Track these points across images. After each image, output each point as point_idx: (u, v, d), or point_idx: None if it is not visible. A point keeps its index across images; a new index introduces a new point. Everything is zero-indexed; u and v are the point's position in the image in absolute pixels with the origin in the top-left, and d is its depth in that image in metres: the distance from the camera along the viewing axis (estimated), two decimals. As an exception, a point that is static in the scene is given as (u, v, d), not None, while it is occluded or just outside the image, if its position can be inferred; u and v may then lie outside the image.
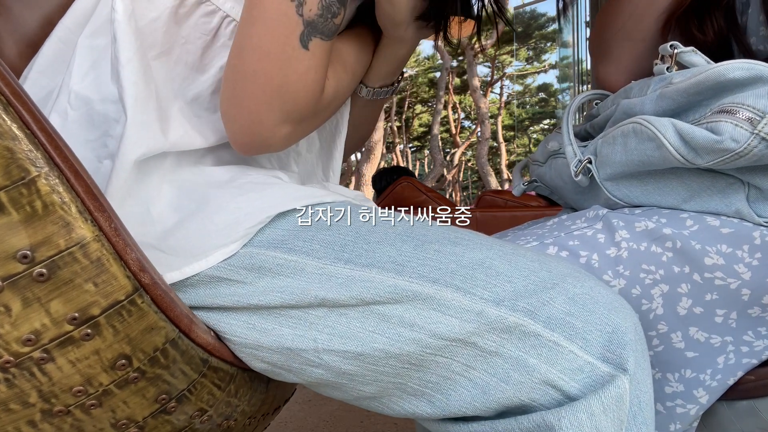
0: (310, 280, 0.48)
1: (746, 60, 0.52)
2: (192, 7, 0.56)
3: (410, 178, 2.92)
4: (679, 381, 0.60)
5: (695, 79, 0.54)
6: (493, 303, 0.46)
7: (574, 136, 0.71)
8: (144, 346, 0.45)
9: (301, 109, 0.53)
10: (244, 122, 0.52)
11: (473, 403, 0.47)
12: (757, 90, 0.51)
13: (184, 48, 0.56)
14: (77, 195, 0.40)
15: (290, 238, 0.50)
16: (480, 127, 13.95)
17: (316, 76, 0.52)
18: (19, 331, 0.40)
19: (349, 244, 0.49)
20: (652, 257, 0.58)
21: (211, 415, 0.54)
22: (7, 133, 0.37)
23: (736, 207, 0.57)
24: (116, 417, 0.47)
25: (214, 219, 0.50)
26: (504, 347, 0.46)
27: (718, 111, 0.52)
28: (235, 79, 0.51)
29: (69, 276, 0.40)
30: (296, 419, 1.70)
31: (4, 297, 0.39)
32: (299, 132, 0.56)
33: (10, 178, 0.38)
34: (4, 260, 0.38)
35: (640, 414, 0.45)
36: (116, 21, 0.52)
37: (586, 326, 0.45)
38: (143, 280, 0.43)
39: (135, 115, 0.51)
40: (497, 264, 0.48)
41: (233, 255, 0.50)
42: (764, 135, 0.49)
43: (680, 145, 0.54)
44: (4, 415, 0.43)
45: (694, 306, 0.58)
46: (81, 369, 0.43)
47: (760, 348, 0.59)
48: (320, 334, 0.48)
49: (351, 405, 0.55)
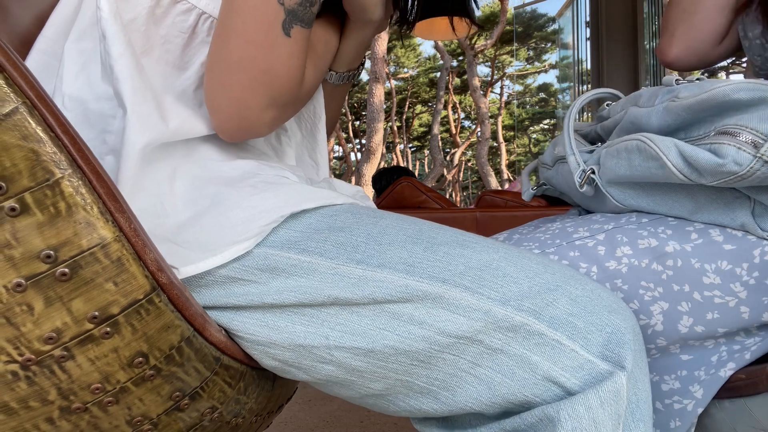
0: (323, 279, 0.49)
1: (752, 80, 0.52)
2: (168, 6, 0.57)
3: (410, 178, 2.92)
4: (675, 379, 0.61)
5: (700, 98, 0.55)
6: (500, 303, 0.47)
7: (580, 139, 0.72)
8: (160, 344, 0.46)
9: (285, 93, 0.54)
10: (231, 110, 0.53)
11: (479, 399, 0.49)
12: (761, 112, 0.51)
13: (164, 47, 0.57)
14: (99, 196, 0.41)
15: (303, 239, 0.51)
16: (480, 127, 13.94)
17: (298, 62, 0.54)
18: (41, 330, 0.41)
19: (361, 246, 0.50)
20: (652, 275, 0.59)
21: (221, 412, 0.55)
22: (32, 136, 0.38)
23: (741, 221, 0.58)
24: (132, 414, 0.48)
25: (229, 216, 0.51)
26: (509, 345, 0.47)
27: (722, 132, 0.52)
28: (221, 68, 0.52)
29: (90, 275, 0.41)
30: (296, 419, 1.71)
31: (28, 296, 0.40)
32: (282, 116, 0.57)
33: (35, 179, 0.38)
34: (28, 260, 0.39)
35: (638, 411, 0.47)
36: (103, 19, 0.53)
37: (587, 326, 0.47)
38: (161, 279, 0.44)
39: (134, 105, 0.52)
40: (504, 266, 0.49)
41: (247, 255, 0.50)
42: (767, 158, 0.49)
43: (683, 166, 0.54)
44: (23, 412, 0.44)
45: (696, 325, 0.59)
46: (100, 367, 0.44)
47: (750, 344, 0.61)
48: (332, 331, 0.49)
49: (351, 405, 0.56)
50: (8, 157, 0.38)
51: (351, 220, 0.52)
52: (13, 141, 0.38)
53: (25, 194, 0.39)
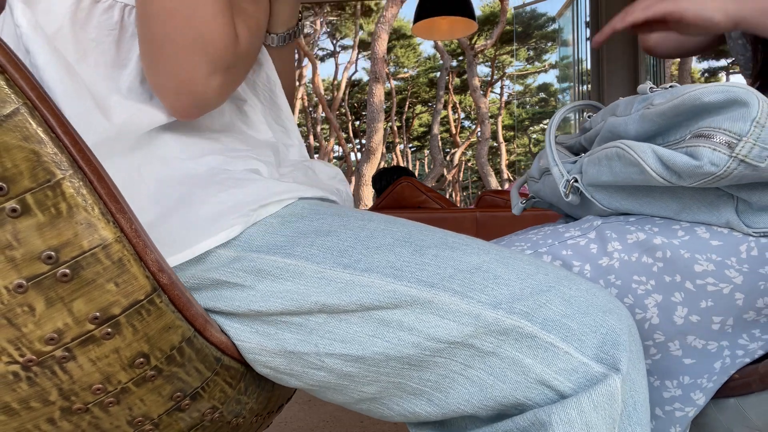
0: (309, 284, 0.49)
1: (722, 83, 0.53)
2: (89, 8, 0.56)
3: (410, 178, 2.92)
4: (677, 387, 0.61)
5: (672, 104, 0.56)
6: (490, 306, 0.47)
7: (564, 151, 0.72)
8: (161, 345, 0.46)
9: (223, 54, 0.53)
10: (176, 86, 0.52)
11: (471, 401, 0.48)
12: (733, 113, 0.52)
13: (98, 50, 0.56)
14: (100, 197, 0.41)
15: (290, 243, 0.51)
16: (480, 127, 13.95)
17: (224, 19, 0.53)
18: (42, 330, 0.41)
19: (348, 250, 0.50)
20: (643, 268, 0.59)
21: (222, 412, 0.55)
22: (33, 137, 0.38)
23: (726, 218, 0.58)
24: (133, 414, 0.48)
25: (198, 212, 0.51)
26: (501, 348, 0.47)
27: (697, 135, 0.53)
28: (152, 49, 0.52)
29: (91, 276, 0.41)
30: (296, 419, 1.71)
31: (29, 297, 0.40)
32: (230, 81, 0.56)
33: (36, 180, 0.39)
34: (29, 261, 0.39)
35: (635, 414, 0.46)
36: (24, 35, 0.52)
37: (581, 328, 0.47)
38: (162, 280, 0.44)
39: (71, 108, 0.51)
40: (494, 268, 0.49)
41: (235, 258, 0.50)
42: (742, 157, 0.51)
43: (662, 170, 0.55)
44: (24, 412, 0.44)
45: (690, 314, 0.59)
46: (101, 367, 0.44)
47: (754, 348, 0.61)
48: (321, 339, 0.49)
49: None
50: (9, 158, 0.38)
51: (338, 223, 0.52)
52: (14, 142, 0.38)
53: (26, 195, 0.39)
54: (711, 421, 0.65)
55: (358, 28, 18.00)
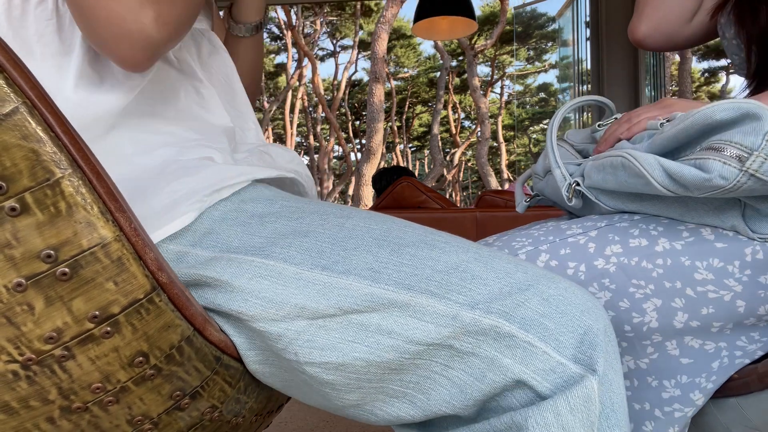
0: (287, 285, 0.49)
1: (732, 99, 0.52)
2: (22, 5, 0.56)
3: (410, 178, 2.92)
4: (675, 386, 0.61)
5: (683, 125, 0.55)
6: (467, 306, 0.47)
7: (573, 152, 0.72)
8: (161, 344, 0.46)
9: None
10: (113, 34, 0.51)
11: (452, 402, 0.48)
12: (745, 127, 0.51)
13: (41, 42, 0.56)
14: (99, 196, 0.41)
15: (268, 244, 0.51)
16: (480, 127, 13.95)
17: None
18: (42, 329, 0.41)
19: (326, 251, 0.50)
20: (642, 272, 0.59)
21: (221, 411, 0.55)
22: (32, 136, 0.38)
23: (732, 222, 0.58)
24: (132, 413, 0.48)
25: (151, 204, 0.52)
26: (479, 348, 0.47)
27: (707, 148, 0.53)
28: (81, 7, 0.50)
29: (91, 275, 0.41)
30: (296, 419, 1.71)
31: (28, 296, 0.40)
32: (165, 13, 0.52)
33: (35, 179, 0.39)
34: (28, 260, 0.39)
35: (613, 415, 0.45)
36: None
37: (558, 327, 0.46)
38: (161, 279, 0.44)
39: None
40: (473, 267, 0.48)
41: (213, 259, 0.51)
42: (753, 171, 0.50)
43: (669, 183, 0.54)
44: (24, 411, 0.44)
45: (691, 320, 0.59)
46: (100, 366, 0.44)
47: (753, 350, 0.60)
48: (301, 349, 0.49)
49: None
50: (8, 157, 0.38)
51: (317, 223, 0.52)
52: (13, 141, 0.38)
53: (25, 194, 0.39)
54: (710, 421, 0.65)
55: (358, 28, 18.01)
